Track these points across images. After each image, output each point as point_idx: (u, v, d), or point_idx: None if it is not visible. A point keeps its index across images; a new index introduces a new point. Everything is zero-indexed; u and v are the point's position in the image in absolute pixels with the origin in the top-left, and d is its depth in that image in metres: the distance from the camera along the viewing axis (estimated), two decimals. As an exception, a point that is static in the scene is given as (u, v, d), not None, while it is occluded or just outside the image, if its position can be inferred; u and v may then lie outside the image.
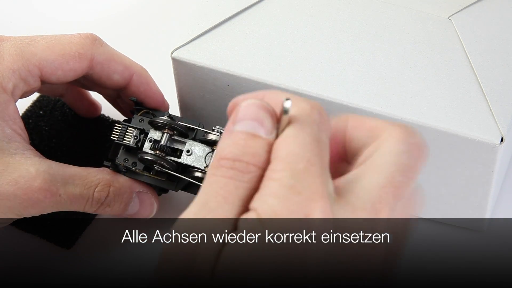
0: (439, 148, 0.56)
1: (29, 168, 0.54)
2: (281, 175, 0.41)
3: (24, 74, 0.55)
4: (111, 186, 0.56)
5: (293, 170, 0.41)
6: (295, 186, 0.41)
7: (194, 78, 0.59)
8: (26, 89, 0.56)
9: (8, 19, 0.75)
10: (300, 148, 0.41)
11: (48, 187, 0.54)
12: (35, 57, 0.56)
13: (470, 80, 0.57)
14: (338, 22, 0.60)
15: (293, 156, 0.41)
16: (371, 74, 0.57)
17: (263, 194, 0.41)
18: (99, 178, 0.56)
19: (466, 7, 0.61)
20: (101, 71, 0.58)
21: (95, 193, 0.56)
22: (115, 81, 0.58)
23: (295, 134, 0.42)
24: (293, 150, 0.41)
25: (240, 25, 0.60)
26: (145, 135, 0.58)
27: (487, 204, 0.59)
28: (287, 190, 0.41)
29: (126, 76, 0.58)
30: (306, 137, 0.42)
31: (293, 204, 0.41)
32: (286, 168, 0.41)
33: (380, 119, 0.44)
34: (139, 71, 0.59)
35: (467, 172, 0.57)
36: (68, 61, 0.56)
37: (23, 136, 0.56)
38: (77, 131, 0.65)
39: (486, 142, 0.54)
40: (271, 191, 0.41)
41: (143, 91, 0.59)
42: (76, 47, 0.56)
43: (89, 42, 0.57)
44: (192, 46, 0.59)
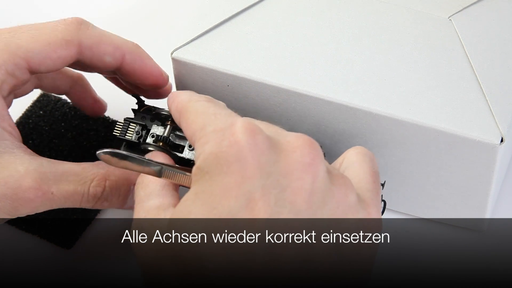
0: (439, 148, 0.56)
1: (18, 167, 0.52)
2: (203, 132, 0.47)
3: (10, 68, 0.54)
4: (107, 180, 0.55)
5: (209, 123, 0.47)
6: (216, 128, 0.47)
7: (194, 79, 0.59)
8: (14, 83, 0.55)
9: (8, 19, 0.75)
10: (202, 112, 0.49)
11: (39, 186, 0.52)
12: (21, 49, 0.54)
13: (470, 80, 0.57)
14: (338, 23, 0.60)
15: (202, 119, 0.48)
16: (371, 74, 0.57)
17: (196, 153, 0.47)
18: (94, 173, 0.55)
19: (466, 7, 0.61)
20: (91, 55, 0.56)
21: (90, 189, 0.54)
22: (107, 62, 0.57)
23: (191, 110, 0.49)
24: (198, 117, 0.48)
25: (240, 26, 0.60)
26: (147, 131, 0.58)
27: (487, 204, 0.59)
28: (213, 133, 0.46)
29: (117, 56, 0.57)
30: (198, 107, 0.49)
31: (220, 137, 0.46)
32: (204, 126, 0.47)
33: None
34: (130, 49, 0.57)
35: (467, 172, 0.57)
36: (55, 49, 0.55)
37: (13, 134, 0.55)
38: (77, 131, 0.65)
39: (486, 142, 0.54)
40: (201, 144, 0.46)
41: (138, 68, 0.58)
42: (62, 34, 0.55)
43: (74, 27, 0.55)
44: (192, 46, 0.59)
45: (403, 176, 0.59)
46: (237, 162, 0.44)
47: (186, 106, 0.50)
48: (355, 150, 0.51)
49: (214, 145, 0.45)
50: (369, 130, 0.57)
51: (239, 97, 0.58)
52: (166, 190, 0.50)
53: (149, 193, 0.50)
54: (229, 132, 0.45)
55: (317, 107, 0.57)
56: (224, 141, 0.45)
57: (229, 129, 0.45)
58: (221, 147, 0.44)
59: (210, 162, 0.44)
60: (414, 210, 0.62)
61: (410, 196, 0.61)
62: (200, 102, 0.50)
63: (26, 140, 0.64)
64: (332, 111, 0.57)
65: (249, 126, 0.45)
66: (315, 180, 0.44)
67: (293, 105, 0.57)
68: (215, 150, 0.45)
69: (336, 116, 0.57)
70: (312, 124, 0.58)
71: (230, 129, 0.45)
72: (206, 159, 0.45)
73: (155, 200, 0.50)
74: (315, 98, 0.56)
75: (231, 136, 0.45)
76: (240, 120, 0.46)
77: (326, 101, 0.56)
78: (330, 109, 0.56)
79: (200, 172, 0.45)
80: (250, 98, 0.58)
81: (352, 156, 0.50)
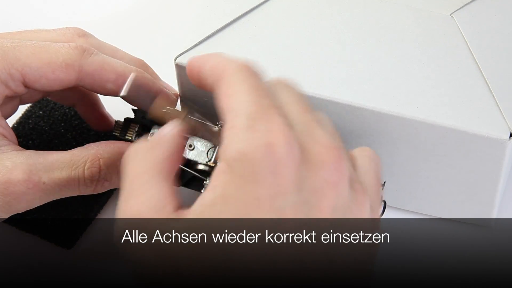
0: (447, 146, 0.56)
1: (4, 162, 0.52)
2: (237, 121, 0.45)
3: (4, 77, 0.54)
4: (100, 159, 0.54)
5: (246, 113, 0.45)
6: (253, 125, 0.44)
7: (198, 84, 0.59)
8: (7, 93, 0.55)
9: (8, 19, 0.75)
10: (246, 96, 0.46)
11: (28, 177, 0.52)
12: (19, 62, 0.54)
13: (475, 77, 0.57)
14: (341, 23, 0.60)
15: (243, 103, 0.45)
16: (376, 73, 0.57)
17: (226, 143, 0.45)
18: (85, 155, 0.54)
19: (468, 3, 0.61)
20: (92, 81, 0.56)
21: (85, 172, 0.54)
22: (110, 89, 0.56)
23: (237, 89, 0.46)
24: (240, 99, 0.45)
25: (243, 29, 0.59)
26: (147, 132, 0.57)
27: (495, 200, 0.59)
28: (247, 131, 0.44)
29: (120, 83, 0.56)
30: (247, 87, 0.46)
31: (256, 140, 0.44)
32: (240, 114, 0.45)
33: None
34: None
35: (475, 168, 0.57)
36: (53, 70, 0.55)
37: (4, 133, 0.54)
38: (77, 131, 0.65)
39: (495, 137, 0.54)
40: (232, 137, 0.45)
41: (143, 94, 0.57)
42: (63, 57, 0.55)
43: (77, 53, 0.55)
44: (196, 51, 0.58)
45: (410, 174, 0.59)
46: (272, 175, 0.43)
47: (231, 72, 0.48)
48: (363, 153, 0.51)
49: (249, 146, 0.44)
50: (376, 129, 0.57)
51: (244, 101, 0.58)
52: (164, 175, 0.48)
53: (143, 173, 0.47)
54: (266, 137, 0.44)
55: (323, 108, 0.57)
56: (260, 147, 0.44)
57: (267, 133, 0.44)
58: (256, 152, 0.44)
59: (242, 165, 0.44)
60: (422, 208, 0.62)
61: (418, 194, 0.61)
62: (251, 75, 0.47)
63: (26, 140, 0.64)
64: (338, 112, 0.56)
65: (287, 135, 0.44)
66: (339, 198, 0.45)
67: (299, 107, 0.57)
68: (250, 154, 0.44)
69: (342, 117, 0.57)
70: (319, 126, 0.58)
71: (268, 134, 0.44)
72: (238, 159, 0.44)
73: (152, 190, 0.47)
74: (321, 99, 0.56)
75: (269, 145, 0.44)
76: (278, 124, 0.45)
77: (332, 101, 0.56)
78: (336, 109, 0.56)
79: (230, 170, 0.44)
80: (255, 101, 0.58)
81: (359, 160, 0.50)
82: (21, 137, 0.63)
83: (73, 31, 0.58)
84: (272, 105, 0.46)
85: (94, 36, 0.58)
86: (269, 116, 0.45)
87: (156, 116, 0.53)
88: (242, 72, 0.47)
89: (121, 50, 0.59)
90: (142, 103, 0.55)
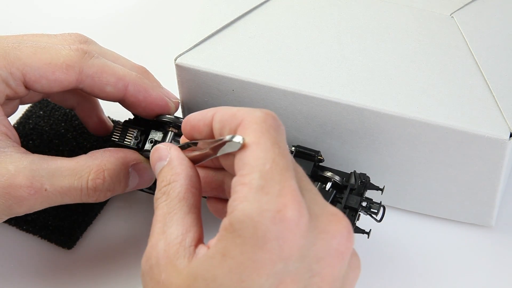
0: (447, 146, 0.56)
1: (8, 166, 0.52)
2: (250, 178, 0.44)
3: (5, 75, 0.54)
4: (104, 170, 0.54)
5: (261, 171, 0.44)
6: (264, 186, 0.44)
7: (198, 84, 0.59)
8: (8, 92, 0.55)
9: (8, 19, 0.75)
10: (264, 152, 0.45)
11: (31, 183, 0.52)
12: (19, 61, 0.54)
13: (475, 77, 0.57)
14: (341, 23, 0.60)
15: (259, 159, 0.44)
16: (377, 74, 0.57)
17: (234, 199, 0.44)
18: (89, 165, 0.54)
19: (468, 3, 0.61)
20: (92, 84, 0.56)
21: (89, 183, 0.54)
22: (109, 93, 0.56)
23: (256, 140, 0.45)
24: (257, 154, 0.45)
25: (243, 29, 0.59)
26: (146, 136, 0.57)
27: (495, 199, 0.59)
28: (257, 192, 0.44)
29: (120, 87, 0.56)
30: (266, 141, 0.45)
31: (265, 204, 0.43)
32: (254, 171, 0.44)
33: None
34: (134, 80, 0.56)
35: (476, 168, 0.57)
36: (54, 71, 0.55)
37: (8, 134, 0.54)
38: (77, 131, 0.65)
39: (495, 138, 0.54)
40: (241, 195, 0.44)
41: (142, 100, 0.57)
42: (64, 58, 0.55)
43: (78, 54, 0.55)
44: (196, 51, 0.58)
45: (411, 174, 0.59)
46: (276, 241, 0.43)
47: (253, 120, 0.46)
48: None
49: (256, 210, 0.43)
50: (376, 129, 0.57)
51: (244, 101, 0.58)
52: (191, 211, 0.48)
53: (171, 211, 0.48)
54: (277, 203, 0.43)
55: (323, 109, 0.57)
56: (268, 212, 0.43)
57: (278, 198, 0.43)
58: (263, 218, 0.43)
59: (246, 227, 0.43)
60: (421, 208, 0.62)
61: (418, 194, 0.61)
62: (273, 129, 0.46)
63: (26, 140, 0.64)
64: (339, 112, 0.56)
65: (297, 201, 0.44)
66: (342, 268, 0.46)
67: (299, 108, 0.57)
68: (256, 218, 0.43)
69: (343, 117, 0.57)
70: (319, 126, 0.58)
71: (278, 199, 0.43)
72: (242, 221, 0.43)
73: (177, 226, 0.47)
74: (321, 100, 0.56)
75: (278, 211, 0.43)
76: (291, 190, 0.44)
77: (332, 102, 0.56)
78: (336, 110, 0.56)
79: (232, 230, 0.44)
80: (255, 102, 0.58)
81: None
82: (21, 137, 0.63)
83: (75, 37, 0.58)
84: (288, 167, 0.45)
85: (96, 43, 0.58)
86: (283, 178, 0.44)
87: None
88: (265, 123, 0.46)
89: (123, 57, 0.59)
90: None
